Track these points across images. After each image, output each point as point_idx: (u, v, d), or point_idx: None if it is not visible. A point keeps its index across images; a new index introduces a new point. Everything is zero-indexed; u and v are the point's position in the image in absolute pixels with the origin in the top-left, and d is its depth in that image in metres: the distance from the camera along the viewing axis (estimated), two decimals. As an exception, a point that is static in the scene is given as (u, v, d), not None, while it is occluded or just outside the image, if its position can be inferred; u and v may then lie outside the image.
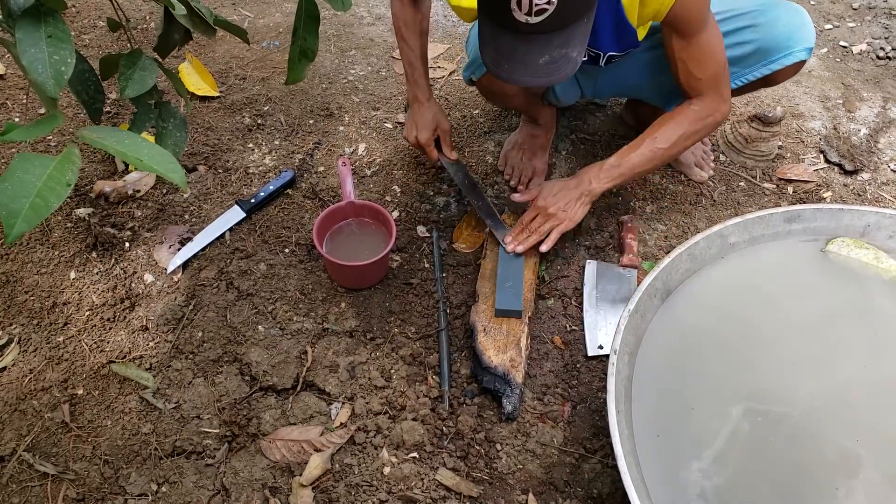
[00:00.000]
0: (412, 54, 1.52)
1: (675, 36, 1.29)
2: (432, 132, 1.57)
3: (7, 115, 1.84)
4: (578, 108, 1.96)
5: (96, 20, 2.21)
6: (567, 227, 1.44)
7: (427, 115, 1.56)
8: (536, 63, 1.08)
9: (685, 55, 1.30)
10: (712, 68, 1.33)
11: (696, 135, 1.40)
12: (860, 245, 1.33)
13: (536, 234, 1.45)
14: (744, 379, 1.17)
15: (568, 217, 1.43)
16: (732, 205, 1.75)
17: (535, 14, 1.00)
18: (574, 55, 1.09)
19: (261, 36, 2.22)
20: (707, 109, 1.37)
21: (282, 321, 1.45)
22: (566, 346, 1.45)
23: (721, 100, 1.38)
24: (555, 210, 1.43)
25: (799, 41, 1.37)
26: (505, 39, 1.07)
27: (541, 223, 1.45)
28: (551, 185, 1.46)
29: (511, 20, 1.02)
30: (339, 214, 1.56)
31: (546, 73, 1.09)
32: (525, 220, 1.48)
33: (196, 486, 1.22)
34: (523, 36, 1.05)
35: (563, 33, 1.05)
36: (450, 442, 1.28)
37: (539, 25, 1.02)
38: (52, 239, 1.56)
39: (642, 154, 1.39)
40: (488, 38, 1.11)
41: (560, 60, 1.08)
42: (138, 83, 0.99)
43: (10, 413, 1.30)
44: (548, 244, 1.45)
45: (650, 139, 1.39)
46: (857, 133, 1.95)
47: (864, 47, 2.29)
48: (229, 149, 1.81)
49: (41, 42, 0.83)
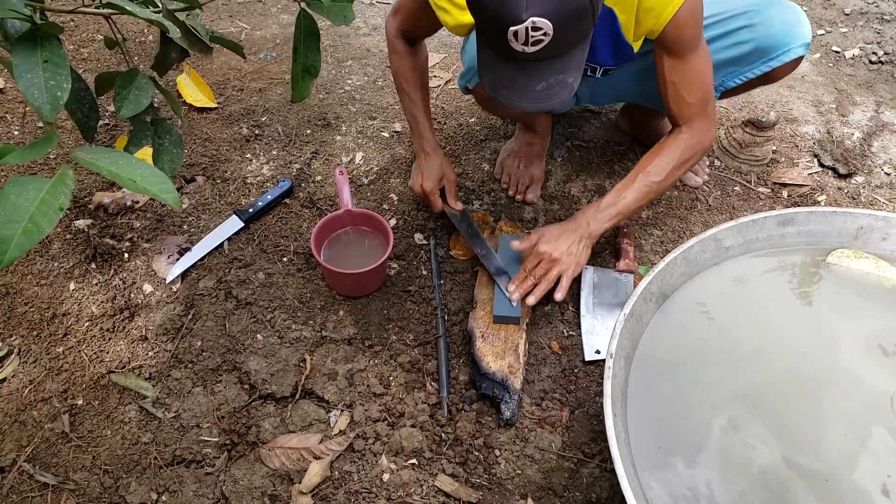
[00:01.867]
0: (415, 107, 1.53)
1: (666, 57, 1.29)
2: (438, 182, 1.55)
3: (6, 129, 1.86)
4: (574, 115, 1.98)
5: (94, 34, 2.23)
6: (575, 271, 1.41)
7: (433, 164, 1.55)
8: (534, 89, 1.09)
9: (676, 77, 1.30)
10: (701, 92, 1.33)
11: (688, 163, 1.39)
12: (860, 255, 1.33)
13: (545, 281, 1.40)
14: (739, 384, 1.18)
15: (573, 261, 1.40)
16: (727, 209, 1.76)
17: (531, 45, 1.02)
18: (570, 80, 1.10)
19: (258, 47, 2.23)
20: (697, 136, 1.37)
21: (280, 329, 1.46)
22: (564, 351, 1.45)
23: (709, 124, 1.38)
24: (559, 255, 1.39)
25: (796, 38, 1.38)
26: (503, 67, 1.09)
27: (546, 270, 1.40)
28: (550, 230, 1.43)
29: (509, 49, 1.03)
30: (337, 223, 1.57)
31: (543, 98, 1.10)
32: (528, 267, 1.42)
33: (196, 494, 1.22)
34: (521, 64, 1.07)
35: (559, 61, 1.07)
36: (449, 448, 1.29)
37: (536, 55, 1.04)
38: (51, 251, 1.57)
39: (637, 190, 1.38)
40: (487, 65, 1.12)
41: (557, 87, 1.09)
42: (134, 103, 1.00)
43: (10, 424, 1.30)
44: (562, 292, 1.40)
45: (643, 174, 1.38)
46: (850, 137, 1.97)
47: (857, 52, 2.31)
48: (227, 159, 1.83)
49: (37, 67, 0.84)
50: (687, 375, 1.20)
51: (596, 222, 1.40)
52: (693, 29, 1.25)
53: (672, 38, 1.25)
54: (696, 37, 1.27)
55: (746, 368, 1.20)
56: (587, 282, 1.55)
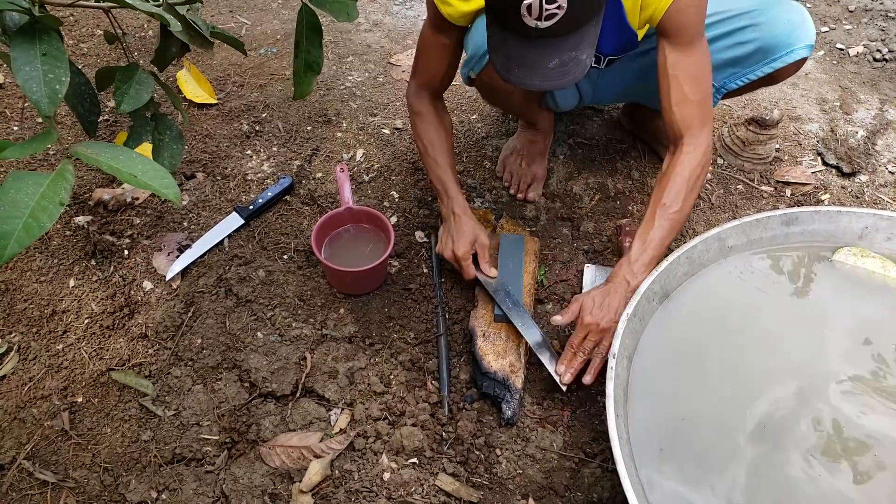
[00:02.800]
0: (441, 171, 1.48)
1: (669, 48, 1.26)
2: (471, 246, 1.44)
3: (6, 124, 1.85)
4: (576, 113, 1.97)
5: (94, 28, 2.22)
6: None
7: (465, 228, 1.44)
8: (546, 67, 1.07)
9: (679, 70, 1.27)
10: (703, 89, 1.30)
11: (700, 181, 1.33)
12: (866, 254, 1.32)
13: (599, 356, 1.28)
14: (742, 383, 1.18)
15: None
16: (730, 208, 1.75)
17: (545, 19, 1.00)
18: (584, 58, 1.08)
19: (258, 43, 2.22)
20: (700, 149, 1.31)
21: (281, 327, 1.45)
22: (565, 350, 1.44)
23: (707, 133, 1.32)
24: (607, 324, 1.25)
25: (800, 38, 1.37)
26: (515, 44, 1.07)
27: (595, 342, 1.27)
28: (590, 297, 1.29)
29: (521, 25, 1.02)
30: (338, 220, 1.56)
31: (556, 76, 1.08)
32: (575, 342, 1.29)
33: (196, 493, 1.22)
34: (533, 40, 1.05)
35: (572, 37, 1.05)
36: (449, 447, 1.28)
37: (549, 30, 1.02)
38: (51, 247, 1.56)
39: (661, 227, 1.29)
40: (498, 43, 1.10)
41: (570, 63, 1.07)
42: (134, 98, 0.99)
43: (9, 421, 1.29)
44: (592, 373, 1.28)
45: (660, 208, 1.30)
46: (854, 135, 1.96)
47: (861, 49, 2.29)
48: (227, 156, 1.82)
49: (36, 60, 0.83)
50: (689, 374, 1.19)
51: (633, 276, 1.28)
52: (695, 15, 1.23)
53: (674, 24, 1.23)
54: (699, 24, 1.25)
55: (749, 368, 1.19)
56: (589, 280, 1.54)
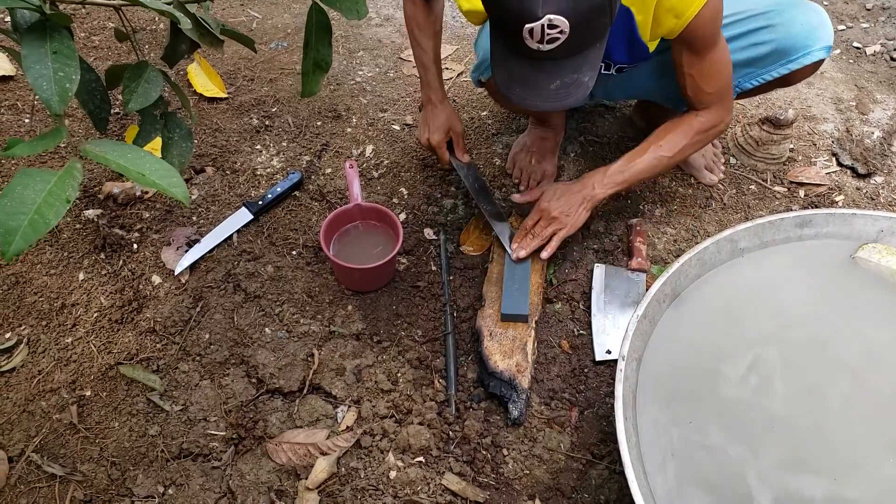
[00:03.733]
0: (425, 56, 1.52)
1: (686, 52, 1.28)
2: (445, 134, 1.56)
3: (17, 117, 1.85)
4: (587, 110, 1.95)
5: (106, 21, 2.22)
6: (568, 232, 1.43)
7: (440, 116, 1.54)
8: (548, 88, 1.08)
9: (695, 71, 1.30)
10: (721, 83, 1.33)
11: (700, 143, 1.41)
12: (892, 252, 1.29)
13: (539, 238, 1.44)
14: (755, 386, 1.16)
15: (570, 222, 1.43)
16: (743, 208, 1.73)
17: (546, 42, 1.00)
18: (586, 80, 1.09)
19: (269, 37, 2.22)
20: (712, 120, 1.38)
21: (289, 324, 1.45)
22: (573, 350, 1.44)
23: (726, 111, 1.39)
24: (557, 213, 1.42)
25: (817, 40, 1.35)
26: (517, 64, 1.07)
27: (543, 227, 1.44)
28: (554, 187, 1.45)
29: (523, 47, 1.02)
30: (347, 217, 1.56)
31: (557, 98, 1.09)
32: (528, 224, 1.47)
33: (202, 488, 1.22)
34: (535, 62, 1.05)
35: (575, 59, 1.05)
36: (456, 446, 1.28)
37: (551, 53, 1.02)
38: (60, 240, 1.57)
39: (647, 161, 1.40)
40: (500, 60, 1.11)
41: (572, 86, 1.08)
42: (143, 96, 0.99)
43: (18, 414, 1.30)
44: (549, 250, 1.44)
45: (655, 146, 1.39)
46: (870, 136, 1.93)
47: (878, 48, 2.26)
48: (237, 150, 1.82)
49: (46, 58, 0.83)
50: (699, 376, 1.18)
51: (601, 186, 1.42)
52: (713, 27, 1.23)
53: (692, 37, 1.23)
54: (716, 34, 1.25)
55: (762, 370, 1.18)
56: (598, 280, 1.53)
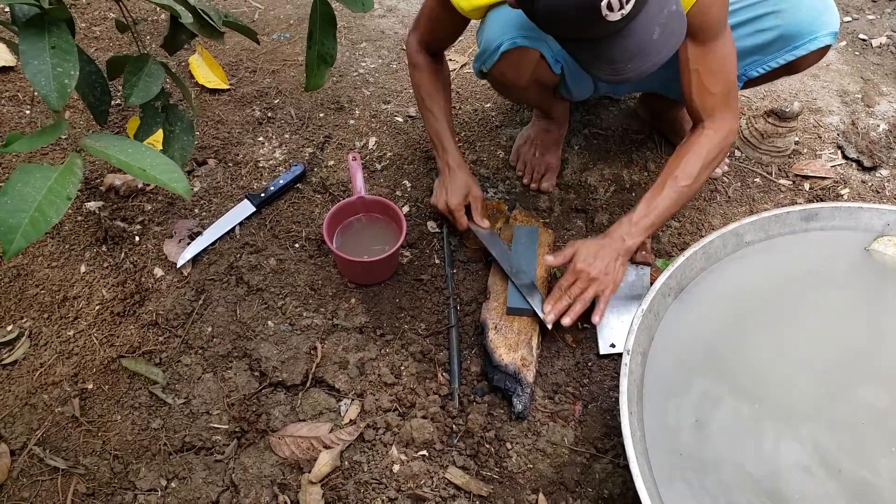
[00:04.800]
0: (438, 124, 1.50)
1: (690, 43, 1.25)
2: (463, 198, 1.50)
3: (18, 108, 1.84)
4: (591, 103, 1.94)
5: (107, 11, 2.20)
6: (613, 290, 1.36)
7: (458, 181, 1.50)
8: (651, 41, 1.04)
9: (701, 66, 1.27)
10: (725, 82, 1.30)
11: (715, 161, 1.35)
12: None
13: (581, 301, 1.34)
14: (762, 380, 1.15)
15: (611, 280, 1.34)
16: (747, 201, 1.72)
17: (626, 4, 0.97)
18: (675, 8, 1.05)
19: (271, 28, 2.20)
20: (721, 132, 1.33)
21: (291, 317, 1.45)
22: (578, 344, 1.43)
23: (732, 117, 1.35)
24: (597, 274, 1.32)
25: (823, 25, 1.34)
26: (613, 46, 1.04)
27: (582, 289, 1.34)
28: (585, 246, 1.35)
29: (609, 26, 0.99)
30: (350, 210, 1.55)
31: (664, 42, 1.05)
32: (563, 285, 1.35)
33: (205, 481, 1.22)
34: (627, 29, 1.02)
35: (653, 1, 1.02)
36: (459, 440, 1.27)
37: (633, 10, 0.99)
38: (62, 232, 1.56)
39: (668, 197, 1.33)
40: (593, 59, 1.07)
41: (669, 21, 1.04)
42: (143, 90, 0.98)
43: (20, 407, 1.30)
44: (599, 315, 1.35)
45: (671, 179, 1.33)
46: (875, 128, 1.92)
47: (884, 40, 2.24)
48: (239, 142, 1.80)
49: (45, 54, 0.82)
50: (705, 370, 1.17)
51: (631, 237, 1.34)
52: (718, 13, 1.21)
53: (697, 23, 1.21)
54: (722, 22, 1.23)
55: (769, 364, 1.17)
56: (603, 274, 1.52)
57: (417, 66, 1.50)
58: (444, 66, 1.54)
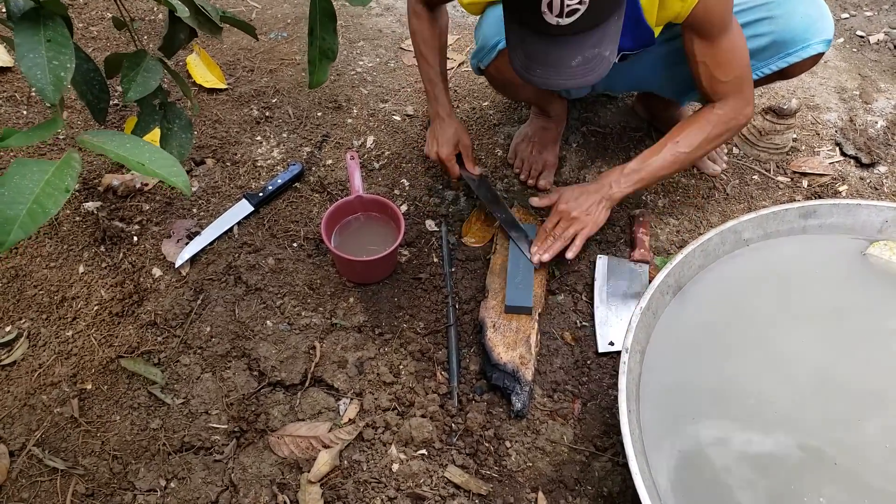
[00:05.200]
0: (432, 71, 1.51)
1: (696, 39, 1.26)
2: (454, 147, 1.55)
3: (15, 108, 1.84)
4: (589, 101, 1.94)
5: (104, 11, 2.20)
6: (591, 231, 1.42)
7: (448, 130, 1.54)
8: (569, 65, 1.05)
9: (708, 59, 1.28)
10: (736, 71, 1.30)
11: (719, 138, 1.38)
12: None
13: (561, 239, 1.43)
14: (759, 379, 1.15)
15: (591, 221, 1.41)
16: (746, 198, 1.72)
17: (566, 15, 0.97)
18: (607, 54, 1.06)
19: (269, 27, 2.20)
20: (731, 113, 1.35)
21: (290, 316, 1.45)
22: (576, 342, 1.43)
23: (745, 102, 1.35)
24: (577, 214, 1.41)
25: (817, 33, 1.34)
26: (535, 43, 1.04)
27: (564, 228, 1.43)
28: (571, 189, 1.44)
29: (542, 23, 0.99)
30: (348, 209, 1.55)
31: (579, 74, 1.06)
32: (548, 226, 1.45)
33: (204, 481, 1.22)
34: (554, 38, 1.02)
35: (594, 32, 1.02)
36: (459, 439, 1.27)
37: (570, 26, 0.99)
38: (60, 233, 1.56)
39: (664, 158, 1.38)
40: (517, 42, 1.07)
41: (593, 61, 1.05)
42: (141, 86, 0.97)
43: (19, 408, 1.30)
44: (574, 250, 1.42)
45: (672, 143, 1.37)
46: (874, 125, 1.92)
47: (882, 37, 2.24)
48: (237, 142, 1.80)
49: (40, 47, 0.81)
50: (703, 368, 1.18)
51: (619, 186, 1.40)
52: (723, 11, 1.21)
53: (701, 21, 1.21)
54: (726, 17, 1.23)
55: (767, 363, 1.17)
56: (601, 272, 1.52)
57: (416, 13, 1.49)
58: (444, 15, 1.53)
